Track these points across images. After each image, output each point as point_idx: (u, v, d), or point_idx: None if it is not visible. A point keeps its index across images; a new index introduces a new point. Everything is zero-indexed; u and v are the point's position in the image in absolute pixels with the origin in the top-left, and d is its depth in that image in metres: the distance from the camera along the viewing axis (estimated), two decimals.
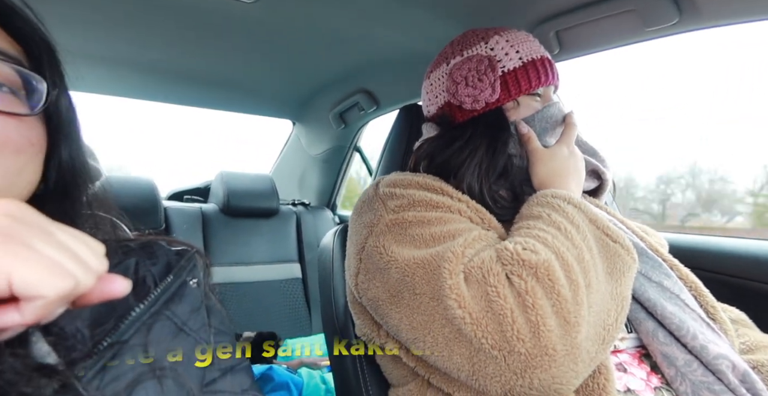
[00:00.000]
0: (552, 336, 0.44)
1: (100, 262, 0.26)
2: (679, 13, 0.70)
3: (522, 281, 0.47)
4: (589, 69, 1.08)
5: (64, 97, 0.38)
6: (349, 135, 1.82)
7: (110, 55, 1.28)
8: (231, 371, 0.40)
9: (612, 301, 0.51)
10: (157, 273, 0.39)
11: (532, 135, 0.67)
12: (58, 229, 0.25)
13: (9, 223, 0.23)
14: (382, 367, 0.68)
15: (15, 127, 0.32)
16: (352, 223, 0.67)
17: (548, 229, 0.53)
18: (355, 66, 1.36)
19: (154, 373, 0.33)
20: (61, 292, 0.22)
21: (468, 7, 0.95)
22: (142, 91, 1.61)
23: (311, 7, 0.99)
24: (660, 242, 0.74)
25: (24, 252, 0.22)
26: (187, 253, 0.42)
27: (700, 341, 0.54)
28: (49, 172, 0.37)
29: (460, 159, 0.66)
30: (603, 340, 0.49)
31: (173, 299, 0.38)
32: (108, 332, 0.33)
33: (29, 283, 0.22)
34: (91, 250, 0.26)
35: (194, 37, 1.17)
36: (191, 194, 1.85)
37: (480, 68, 0.67)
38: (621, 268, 0.53)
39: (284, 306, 1.63)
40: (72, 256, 0.24)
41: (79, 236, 0.26)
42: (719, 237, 0.95)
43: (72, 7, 1.01)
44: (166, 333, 0.36)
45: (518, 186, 0.67)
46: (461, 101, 0.69)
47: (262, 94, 1.67)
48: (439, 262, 0.51)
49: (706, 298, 0.62)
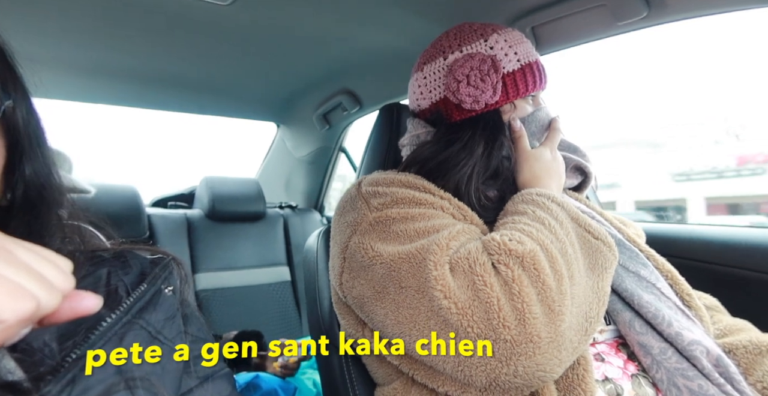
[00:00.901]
0: (537, 323, 0.45)
1: (66, 279, 0.25)
2: (648, 7, 0.71)
3: (509, 270, 0.48)
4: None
5: (22, 108, 0.36)
6: (334, 136, 1.81)
7: (87, 63, 1.26)
8: (210, 379, 0.40)
9: (593, 294, 0.53)
10: (129, 282, 0.38)
11: (524, 134, 0.68)
12: (19, 247, 0.24)
13: None
14: (368, 367, 0.68)
15: None
16: (335, 222, 0.67)
17: (533, 223, 0.54)
18: (336, 66, 1.36)
19: (126, 383, 0.32)
20: (21, 316, 0.22)
21: (446, 5, 0.96)
22: (121, 98, 1.58)
23: (288, 8, 0.98)
24: (637, 233, 0.75)
25: None
26: (162, 260, 0.42)
27: (675, 328, 0.55)
28: (12, 187, 0.36)
29: (456, 160, 0.65)
30: (585, 331, 0.50)
31: (147, 308, 0.37)
32: (76, 345, 0.32)
33: None
34: (56, 268, 0.25)
35: (171, 42, 1.15)
36: (175, 200, 1.83)
37: (483, 68, 0.66)
38: (603, 263, 0.55)
39: (274, 309, 1.62)
40: (34, 276, 0.23)
41: (43, 253, 0.25)
42: (693, 225, 0.98)
43: (45, 16, 0.99)
44: (138, 342, 0.35)
45: (507, 188, 0.67)
46: (461, 100, 0.67)
47: (244, 97, 1.66)
48: (424, 255, 0.51)
49: (681, 286, 0.64)
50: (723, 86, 10.77)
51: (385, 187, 0.63)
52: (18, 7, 0.97)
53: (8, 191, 0.36)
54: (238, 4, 0.96)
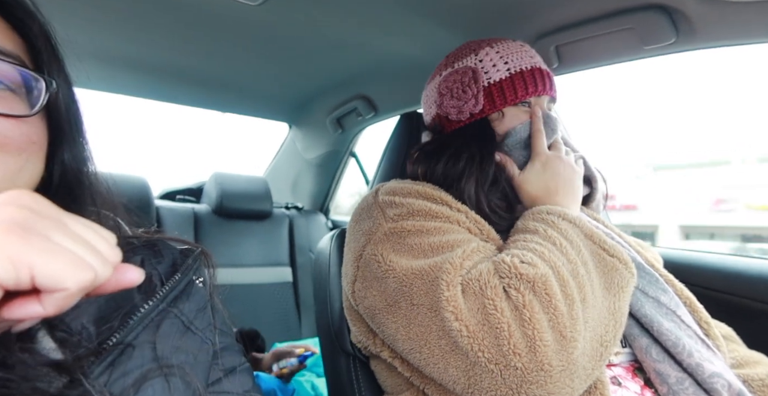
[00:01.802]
0: (548, 351, 0.44)
1: (115, 252, 0.26)
2: (677, 33, 0.72)
3: (519, 295, 0.47)
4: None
5: (65, 93, 0.37)
6: (346, 140, 1.82)
7: (110, 53, 1.27)
8: (233, 372, 0.40)
9: (610, 316, 0.51)
10: (163, 271, 0.39)
11: (506, 161, 0.67)
12: (73, 221, 0.25)
13: (27, 215, 0.23)
14: (376, 374, 0.68)
15: (16, 126, 0.32)
16: (350, 229, 0.67)
17: (544, 243, 0.53)
18: (355, 72, 1.37)
19: (161, 370, 0.33)
20: (82, 285, 0.22)
21: (470, 19, 0.97)
22: (139, 90, 1.59)
23: (316, 11, 0.99)
24: (655, 257, 0.74)
25: (45, 244, 0.22)
26: (192, 252, 0.42)
27: (695, 359, 0.54)
28: (52, 169, 0.37)
29: (454, 169, 0.66)
30: (600, 357, 0.49)
31: (180, 297, 0.37)
32: (115, 330, 0.32)
33: (52, 276, 0.22)
34: (106, 241, 0.26)
35: (197, 38, 1.17)
36: (184, 194, 1.83)
37: (464, 80, 0.69)
38: (619, 282, 0.54)
39: (274, 310, 1.61)
40: (89, 247, 0.24)
41: (93, 227, 0.26)
42: (708, 253, 0.98)
43: (75, 5, 1.00)
44: (174, 331, 0.36)
45: (510, 195, 0.67)
46: (447, 112, 0.71)
47: (260, 96, 1.67)
48: (437, 273, 0.51)
49: (700, 314, 0.63)
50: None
51: (401, 197, 0.63)
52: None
53: (52, 171, 0.37)
54: (268, 5, 0.97)
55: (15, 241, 0.21)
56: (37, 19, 0.36)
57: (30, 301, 0.22)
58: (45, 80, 0.34)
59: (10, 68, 0.33)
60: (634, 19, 0.75)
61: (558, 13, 0.83)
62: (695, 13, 0.68)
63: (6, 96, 0.33)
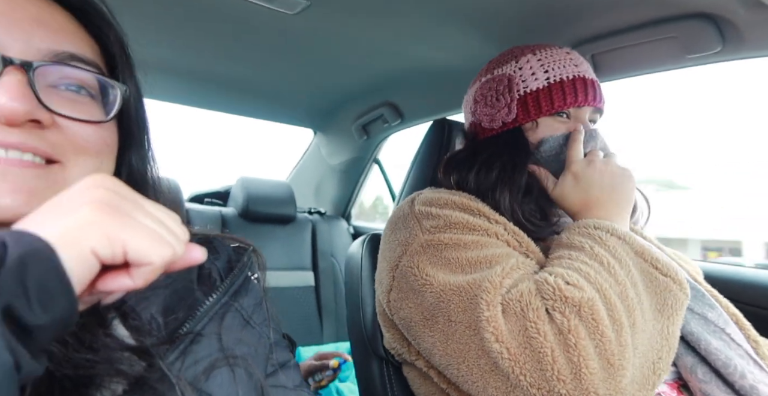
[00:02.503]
0: (595, 379, 0.43)
1: (184, 231, 0.27)
2: (723, 42, 0.71)
3: (564, 319, 0.45)
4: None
5: (135, 98, 0.40)
6: (370, 147, 1.83)
7: (147, 59, 1.31)
8: (284, 367, 0.41)
9: (662, 340, 0.49)
10: (221, 267, 0.40)
11: (541, 173, 0.65)
12: (148, 203, 0.27)
13: (113, 196, 0.25)
14: (410, 381, 0.68)
15: (94, 130, 0.35)
16: (386, 238, 0.67)
17: (591, 262, 0.51)
18: (383, 79, 1.39)
19: (227, 360, 0.34)
20: (165, 259, 0.24)
21: (503, 27, 0.97)
22: (172, 95, 1.64)
23: (352, 20, 1.01)
24: (696, 270, 0.72)
25: (132, 223, 0.24)
26: (245, 250, 0.43)
27: (749, 381, 0.52)
28: (120, 170, 0.39)
29: (486, 179, 0.66)
30: (652, 384, 0.47)
31: (240, 292, 0.38)
32: (183, 321, 0.33)
33: (141, 251, 0.23)
34: (175, 221, 0.27)
35: (231, 45, 1.20)
36: (211, 197, 1.87)
37: (499, 88, 0.68)
38: (673, 304, 0.51)
39: (296, 314, 1.62)
40: (165, 226, 0.26)
41: (163, 209, 0.28)
42: (750, 268, 0.94)
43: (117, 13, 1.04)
44: (236, 324, 0.37)
45: (545, 204, 0.66)
46: (480, 120, 0.70)
47: (287, 102, 1.70)
48: (476, 292, 0.50)
49: (749, 332, 0.60)
50: None
51: (438, 208, 0.62)
52: None
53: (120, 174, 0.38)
54: (305, 14, 0.99)
55: (109, 219, 0.23)
56: (113, 28, 0.38)
57: (121, 274, 0.24)
58: (119, 87, 0.36)
59: (90, 76, 0.35)
60: (678, 27, 0.74)
61: (596, 21, 0.83)
62: (744, 21, 0.67)
63: (86, 102, 0.35)
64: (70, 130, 0.33)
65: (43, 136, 0.32)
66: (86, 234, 0.22)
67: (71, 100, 0.34)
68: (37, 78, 0.32)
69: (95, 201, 0.24)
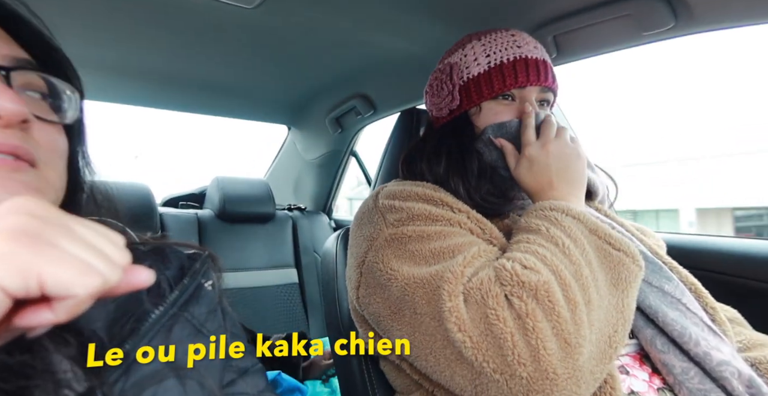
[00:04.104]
0: (553, 359, 0.44)
1: (123, 254, 0.26)
2: (675, 18, 0.72)
3: (522, 303, 0.46)
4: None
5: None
6: (346, 139, 1.82)
7: (104, 61, 1.27)
8: (246, 373, 0.40)
9: (618, 314, 0.50)
10: (171, 276, 0.39)
11: (508, 149, 0.64)
12: (80, 225, 0.25)
13: (33, 222, 0.23)
14: (386, 375, 0.68)
15: (59, 133, 0.35)
16: (353, 233, 0.67)
17: (547, 244, 0.52)
18: (352, 70, 1.37)
19: (176, 373, 0.33)
20: (91, 290, 0.22)
21: (466, 13, 0.96)
22: (136, 98, 1.59)
23: (312, 12, 0.99)
24: (658, 243, 0.74)
25: (52, 252, 0.22)
26: (200, 256, 0.42)
27: (702, 348, 0.53)
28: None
29: (437, 167, 0.66)
30: (609, 358, 0.48)
31: (190, 301, 0.38)
32: (127, 336, 0.32)
33: (60, 283, 0.22)
34: (114, 244, 0.25)
35: (191, 43, 1.16)
36: (186, 200, 1.83)
37: (442, 77, 0.69)
38: (627, 277, 0.52)
39: (282, 311, 1.62)
40: (97, 252, 0.24)
41: (100, 230, 0.26)
42: (713, 236, 0.97)
43: (68, 14, 1.00)
44: (185, 334, 0.36)
45: (503, 184, 0.67)
46: (431, 109, 0.72)
47: (258, 99, 1.67)
48: (439, 283, 0.50)
49: (705, 300, 0.62)
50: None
51: (401, 201, 0.62)
52: (41, 3, 0.99)
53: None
54: (263, 7, 0.97)
55: (23, 250, 0.21)
56: (43, 33, 0.37)
57: (41, 308, 0.22)
58: (74, 91, 0.37)
59: (42, 81, 0.35)
60: (631, 5, 0.74)
61: (554, 3, 0.83)
62: None
63: (43, 104, 0.35)
64: (42, 132, 0.33)
65: (26, 139, 0.32)
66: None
67: (37, 104, 0.35)
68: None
69: (9, 230, 0.22)
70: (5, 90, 0.30)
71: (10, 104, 0.30)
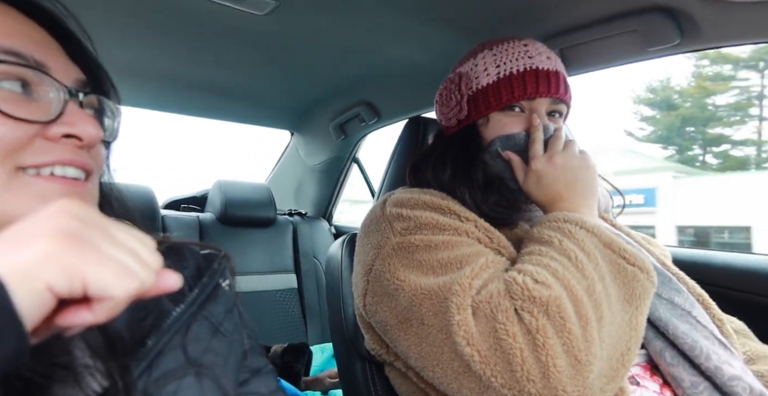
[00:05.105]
0: (562, 377, 0.43)
1: (156, 258, 0.26)
2: (681, 35, 0.73)
3: (533, 319, 0.45)
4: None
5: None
6: (349, 146, 1.83)
7: (115, 64, 1.27)
8: (259, 373, 0.40)
9: (630, 330, 0.50)
10: (189, 276, 0.39)
11: (516, 162, 0.64)
12: (116, 229, 0.26)
13: (77, 224, 0.24)
14: (392, 381, 0.68)
15: (102, 146, 0.38)
16: (360, 240, 0.67)
17: (559, 257, 0.51)
18: (358, 78, 1.38)
19: (194, 371, 0.33)
20: (130, 293, 0.23)
21: (475, 24, 0.98)
22: (140, 99, 1.60)
23: (323, 19, 1.00)
24: (664, 253, 0.74)
25: (94, 254, 0.23)
26: (216, 256, 0.43)
27: (713, 362, 0.53)
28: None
29: (443, 176, 0.66)
30: (620, 376, 0.48)
31: (209, 300, 0.38)
32: (149, 333, 0.33)
33: (102, 285, 0.22)
34: (147, 248, 0.26)
35: (201, 48, 1.17)
36: (188, 203, 1.83)
37: (451, 87, 0.69)
38: (641, 294, 0.51)
39: (280, 316, 1.61)
40: (134, 255, 0.25)
41: (135, 234, 0.26)
42: (713, 251, 0.98)
43: (78, 17, 1.01)
44: (203, 333, 0.36)
45: (511, 196, 0.67)
46: (441, 119, 0.73)
47: (263, 104, 1.68)
48: (447, 295, 0.50)
49: (713, 311, 0.62)
50: None
51: (409, 209, 0.61)
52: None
53: None
54: (274, 14, 0.98)
55: (69, 250, 0.22)
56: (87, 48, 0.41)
57: (81, 309, 0.23)
58: (116, 107, 0.39)
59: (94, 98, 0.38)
60: (638, 21, 0.76)
61: (562, 16, 0.85)
62: (699, 14, 0.69)
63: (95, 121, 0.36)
64: (94, 148, 0.36)
65: (88, 155, 0.35)
66: (42, 268, 0.21)
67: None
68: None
69: (56, 231, 0.22)
70: (88, 117, 0.33)
71: (93, 129, 0.33)
